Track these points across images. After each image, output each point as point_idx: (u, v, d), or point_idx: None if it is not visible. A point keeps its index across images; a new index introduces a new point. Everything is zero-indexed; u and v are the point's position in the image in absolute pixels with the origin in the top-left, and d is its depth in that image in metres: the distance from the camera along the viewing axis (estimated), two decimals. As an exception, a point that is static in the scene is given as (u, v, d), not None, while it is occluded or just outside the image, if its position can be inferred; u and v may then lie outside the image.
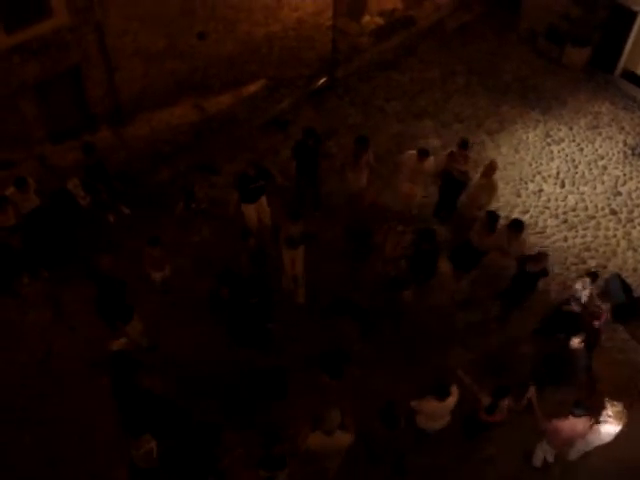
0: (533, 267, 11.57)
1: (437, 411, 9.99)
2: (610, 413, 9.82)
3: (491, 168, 12.72)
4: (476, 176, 13.21)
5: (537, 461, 11.03)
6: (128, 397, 10.16)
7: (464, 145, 13.07)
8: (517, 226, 11.81)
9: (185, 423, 10.27)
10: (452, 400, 9.88)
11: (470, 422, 10.64)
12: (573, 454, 10.78)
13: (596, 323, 11.48)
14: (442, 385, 9.73)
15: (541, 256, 11.63)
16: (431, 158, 13.08)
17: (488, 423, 10.34)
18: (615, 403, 9.88)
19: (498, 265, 12.30)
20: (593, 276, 11.73)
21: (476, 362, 11.98)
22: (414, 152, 13.07)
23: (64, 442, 10.69)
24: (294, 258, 12.37)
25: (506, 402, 10.02)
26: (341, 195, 14.22)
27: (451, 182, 13.42)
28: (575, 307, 11.56)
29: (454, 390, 9.92)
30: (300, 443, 9.17)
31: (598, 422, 9.89)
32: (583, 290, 11.57)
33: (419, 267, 12.07)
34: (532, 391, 10.19)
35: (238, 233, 11.77)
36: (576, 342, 10.69)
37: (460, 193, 13.65)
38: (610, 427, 9.91)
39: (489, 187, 12.94)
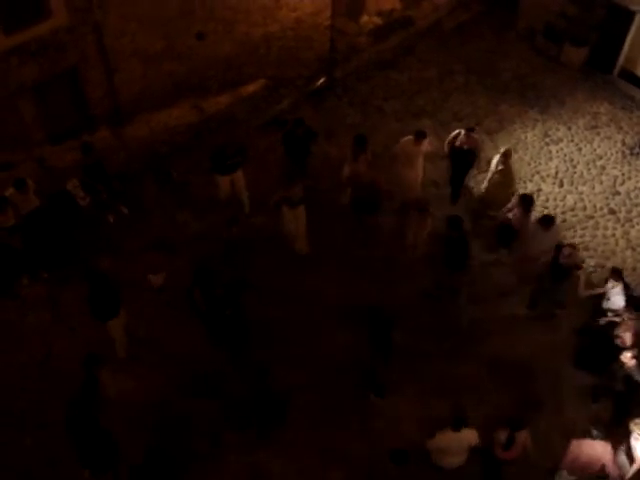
0: (562, 258, 11.80)
1: (452, 444, 9.66)
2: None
3: (507, 155, 13.39)
4: (493, 165, 13.64)
5: None
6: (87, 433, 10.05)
7: (471, 129, 13.89)
8: (546, 222, 12.12)
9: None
10: (468, 436, 9.61)
11: (486, 460, 10.24)
12: None
13: None
14: (458, 417, 9.48)
15: (567, 247, 11.89)
16: (427, 139, 13.60)
17: (504, 461, 9.99)
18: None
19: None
20: (617, 273, 11.84)
21: (500, 368, 12.05)
22: (409, 137, 13.54)
23: (64, 444, 10.66)
24: (296, 217, 12.85)
25: (523, 435, 9.71)
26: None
27: (459, 157, 14.02)
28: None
29: (472, 431, 9.67)
30: None
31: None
32: (613, 289, 11.65)
33: (450, 256, 12.21)
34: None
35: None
36: (627, 358, 10.57)
37: (469, 168, 14.29)
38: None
39: (507, 173, 13.51)
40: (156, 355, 11.91)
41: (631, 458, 9.84)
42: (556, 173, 15.43)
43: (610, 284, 11.84)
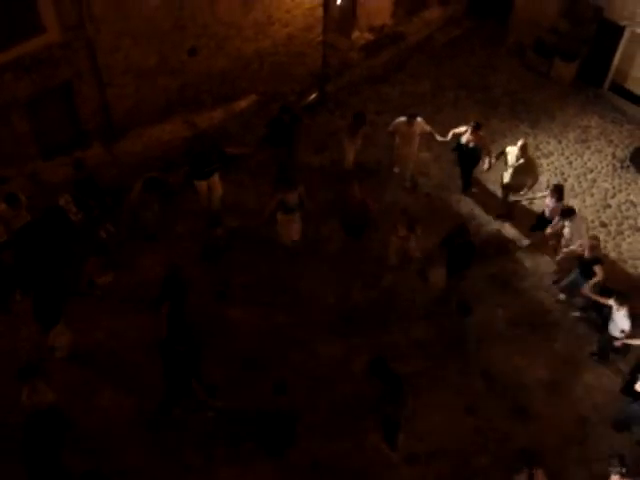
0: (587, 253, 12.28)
1: None
2: None
3: (524, 147, 13.91)
4: (512, 157, 14.06)
5: None
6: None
7: (478, 126, 14.37)
8: (567, 213, 12.80)
9: None
10: None
11: None
12: None
13: None
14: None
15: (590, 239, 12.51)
16: (419, 120, 14.51)
17: None
18: None
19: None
20: (623, 297, 11.68)
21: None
22: (402, 119, 14.54)
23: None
24: (290, 222, 13.10)
25: (540, 473, 9.66)
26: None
27: (465, 154, 14.74)
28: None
29: None
30: None
31: None
32: (618, 312, 11.61)
33: (456, 262, 12.72)
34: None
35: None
36: None
37: (475, 164, 14.96)
38: None
39: (528, 164, 14.02)
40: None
41: None
42: (547, 186, 15.47)
43: (615, 307, 11.70)
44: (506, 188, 14.46)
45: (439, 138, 14.91)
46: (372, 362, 10.50)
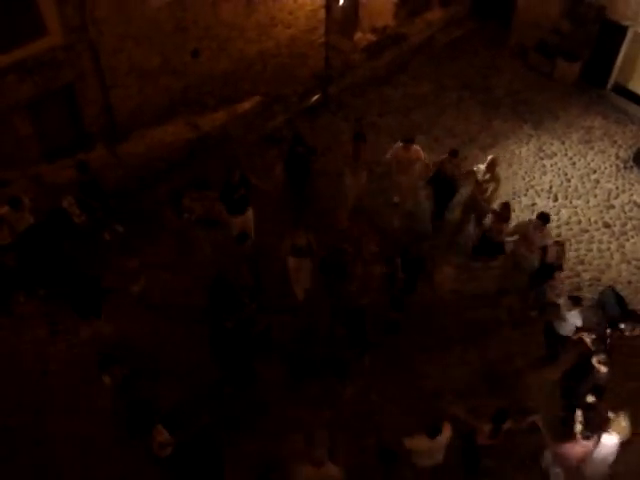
0: (549, 258, 11.96)
1: (429, 449, 9.78)
2: (614, 426, 9.73)
3: (493, 163, 13.21)
4: (480, 172, 13.42)
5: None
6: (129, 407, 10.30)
7: (454, 154, 13.46)
8: (544, 218, 12.25)
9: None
10: (444, 438, 9.67)
11: (468, 446, 10.39)
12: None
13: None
14: (433, 425, 9.49)
15: (555, 245, 12.15)
16: (415, 145, 13.68)
17: (487, 446, 10.14)
18: (620, 416, 9.76)
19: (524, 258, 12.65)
20: (575, 301, 11.47)
21: (475, 375, 12.16)
22: (399, 144, 13.70)
23: (61, 461, 10.65)
24: (300, 266, 12.43)
25: (507, 425, 9.82)
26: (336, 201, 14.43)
27: (442, 184, 13.80)
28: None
29: (446, 427, 9.70)
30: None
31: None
32: (569, 312, 11.44)
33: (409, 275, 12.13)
34: (538, 418, 10.10)
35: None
36: (596, 361, 10.61)
37: (452, 196, 14.09)
38: (612, 439, 9.82)
39: (493, 181, 13.36)
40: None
41: None
42: (550, 187, 15.50)
43: (567, 307, 11.53)
44: (468, 205, 13.98)
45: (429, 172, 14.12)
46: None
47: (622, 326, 11.46)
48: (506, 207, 12.73)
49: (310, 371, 11.82)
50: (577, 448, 9.76)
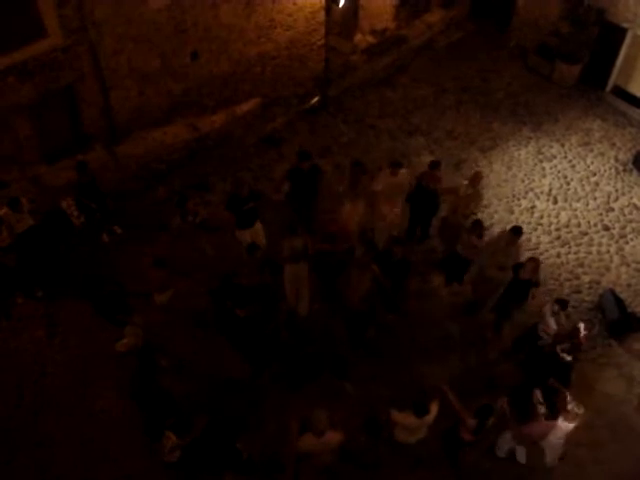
0: (524, 274, 11.61)
1: (414, 426, 10.01)
2: (570, 412, 9.97)
3: (476, 178, 12.86)
4: (463, 186, 13.06)
5: (501, 452, 11.17)
6: (149, 396, 10.40)
7: (434, 166, 13.02)
8: (517, 232, 11.88)
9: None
10: (430, 417, 9.87)
11: (450, 440, 10.54)
12: (551, 461, 10.97)
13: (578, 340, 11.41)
14: (421, 402, 9.69)
15: (531, 261, 11.66)
16: (404, 170, 13.09)
17: (470, 442, 10.28)
18: (578, 406, 10.00)
19: (494, 277, 12.37)
20: (562, 304, 11.40)
21: (461, 377, 12.09)
22: (386, 171, 13.02)
23: (60, 462, 10.64)
24: (297, 272, 12.28)
25: (491, 421, 9.99)
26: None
27: (422, 200, 13.38)
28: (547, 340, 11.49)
29: (433, 406, 9.88)
30: (291, 449, 9.35)
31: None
32: (551, 317, 11.38)
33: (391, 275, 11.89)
34: (504, 401, 10.42)
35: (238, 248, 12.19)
36: (560, 349, 10.91)
37: (433, 212, 13.70)
38: (566, 425, 10.12)
39: (475, 196, 13.05)
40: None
41: None
42: (550, 190, 15.50)
43: (548, 310, 11.55)
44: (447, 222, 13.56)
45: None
46: None
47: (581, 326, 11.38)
48: (478, 224, 12.35)
49: (309, 375, 11.82)
50: (540, 427, 10.27)
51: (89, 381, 11.60)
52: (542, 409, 10.30)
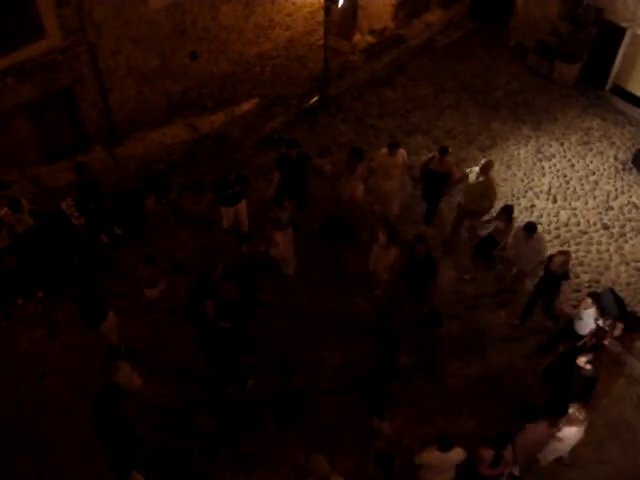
0: (553, 267, 11.86)
1: (439, 464, 9.70)
2: (572, 417, 9.98)
3: (487, 166, 13.04)
4: (474, 173, 13.23)
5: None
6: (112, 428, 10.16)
7: (444, 151, 13.39)
8: (530, 229, 12.13)
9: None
10: (455, 455, 9.61)
11: (470, 476, 10.21)
12: (544, 460, 10.91)
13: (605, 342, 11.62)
14: (445, 437, 9.45)
15: (560, 254, 11.97)
16: (401, 150, 13.57)
17: (490, 476, 10.00)
18: (579, 411, 9.98)
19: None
20: (594, 297, 11.64)
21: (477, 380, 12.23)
22: (384, 149, 13.65)
23: (61, 464, 10.64)
24: (284, 239, 12.63)
25: (508, 452, 9.79)
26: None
27: (431, 180, 13.72)
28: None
29: (459, 450, 9.66)
30: None
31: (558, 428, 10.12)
32: (586, 310, 11.52)
33: (415, 274, 12.07)
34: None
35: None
36: (582, 361, 10.73)
37: (442, 192, 13.95)
38: (570, 430, 10.10)
39: (487, 185, 13.18)
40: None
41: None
42: (549, 189, 15.50)
43: (583, 307, 11.68)
44: (461, 210, 13.87)
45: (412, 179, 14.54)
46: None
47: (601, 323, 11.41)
48: (506, 209, 12.76)
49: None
50: (538, 432, 10.06)
51: (89, 382, 11.60)
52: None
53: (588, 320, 11.50)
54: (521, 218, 14.71)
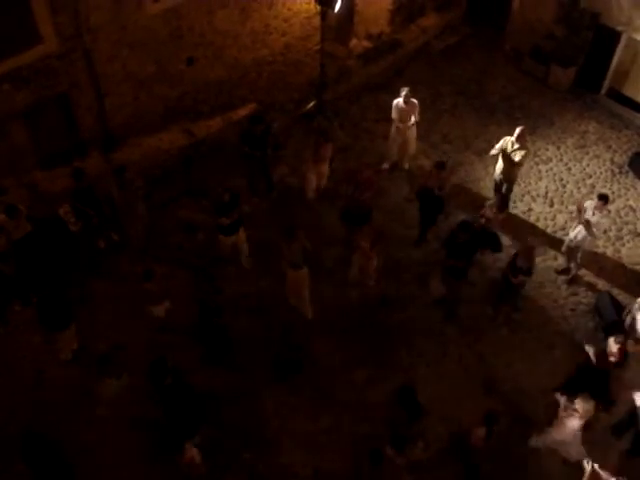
0: (521, 262, 12.17)
1: None
2: (578, 408, 10.12)
3: (523, 134, 13.90)
4: (509, 142, 13.92)
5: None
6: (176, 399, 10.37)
7: (440, 166, 13.49)
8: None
9: None
10: None
11: (461, 448, 10.64)
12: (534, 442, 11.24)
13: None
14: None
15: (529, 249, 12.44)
16: (413, 99, 15.00)
17: (482, 448, 10.34)
18: (586, 400, 10.12)
19: None
20: (604, 198, 12.66)
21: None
22: (399, 100, 14.94)
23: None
24: (297, 279, 12.41)
25: (497, 427, 10.13)
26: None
27: (429, 199, 13.63)
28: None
29: None
30: None
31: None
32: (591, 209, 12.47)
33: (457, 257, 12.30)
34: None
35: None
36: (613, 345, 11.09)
37: (439, 211, 13.89)
38: (575, 422, 10.28)
39: (522, 150, 13.86)
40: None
41: None
42: (546, 193, 15.52)
43: (588, 205, 12.82)
44: (501, 181, 14.54)
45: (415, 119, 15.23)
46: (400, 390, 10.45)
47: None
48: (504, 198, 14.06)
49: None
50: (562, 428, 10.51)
51: (87, 387, 11.57)
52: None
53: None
54: (518, 222, 14.74)
